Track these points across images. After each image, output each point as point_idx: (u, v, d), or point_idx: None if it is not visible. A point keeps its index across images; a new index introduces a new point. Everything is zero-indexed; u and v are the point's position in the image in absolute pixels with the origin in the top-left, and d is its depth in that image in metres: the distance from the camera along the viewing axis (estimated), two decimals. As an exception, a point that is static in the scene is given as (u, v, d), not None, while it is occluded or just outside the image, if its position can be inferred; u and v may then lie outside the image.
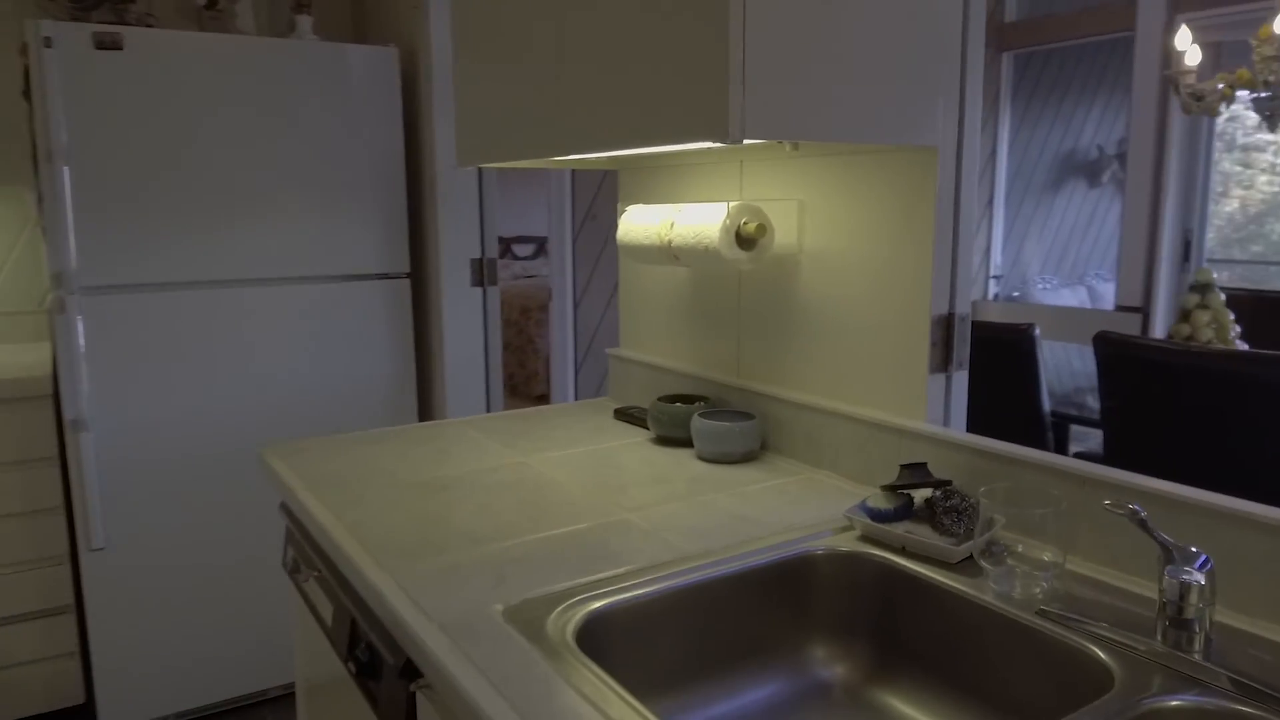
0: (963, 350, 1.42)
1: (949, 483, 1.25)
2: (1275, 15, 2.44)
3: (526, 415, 1.97)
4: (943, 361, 1.40)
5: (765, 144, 1.34)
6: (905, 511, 1.26)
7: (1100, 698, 0.91)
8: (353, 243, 2.72)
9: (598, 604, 1.07)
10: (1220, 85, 2.67)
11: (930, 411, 1.41)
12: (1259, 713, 0.84)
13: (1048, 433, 2.63)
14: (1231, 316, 2.76)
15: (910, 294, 1.40)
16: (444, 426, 1.88)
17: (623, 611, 1.09)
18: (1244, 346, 2.78)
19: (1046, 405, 2.56)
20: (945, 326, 1.40)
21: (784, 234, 1.59)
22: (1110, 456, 2.30)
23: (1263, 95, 2.69)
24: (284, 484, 1.53)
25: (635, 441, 1.75)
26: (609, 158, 1.64)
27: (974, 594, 1.10)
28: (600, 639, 1.05)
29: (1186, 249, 4.23)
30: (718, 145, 1.24)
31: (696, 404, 1.73)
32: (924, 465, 1.30)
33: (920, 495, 1.29)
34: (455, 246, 2.80)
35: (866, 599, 1.22)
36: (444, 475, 1.54)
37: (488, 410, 2.93)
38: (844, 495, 1.43)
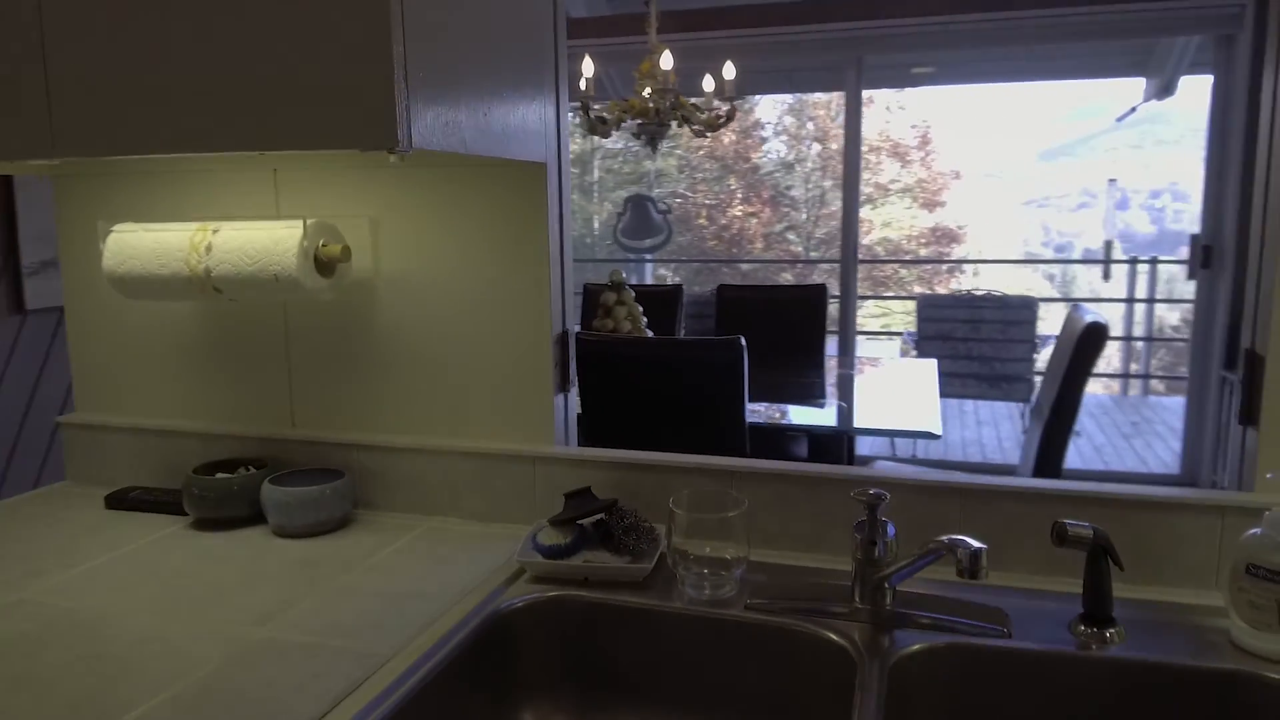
0: (571, 368, 1.40)
1: (616, 502, 1.23)
2: (660, 52, 2.92)
3: (-38, 530, 1.36)
4: (562, 381, 1.37)
5: (308, 153, 1.13)
6: (581, 541, 1.20)
7: (834, 669, 0.99)
8: None
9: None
10: (613, 112, 3.10)
11: (556, 433, 1.36)
12: (971, 638, 1.00)
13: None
14: (640, 309, 3.25)
15: (529, 313, 1.33)
16: None
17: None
18: (650, 333, 3.30)
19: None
20: (562, 345, 1.36)
21: (354, 256, 1.37)
22: (591, 438, 2.48)
23: (641, 122, 3.20)
24: None
25: (170, 533, 1.34)
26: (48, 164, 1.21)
27: (676, 606, 1.11)
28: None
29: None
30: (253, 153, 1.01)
31: (241, 471, 1.39)
32: (588, 490, 1.25)
33: (587, 521, 1.24)
34: None
35: (568, 644, 1.13)
36: (-98, 656, 0.98)
37: None
38: (484, 540, 1.30)
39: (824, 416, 2.85)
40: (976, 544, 0.90)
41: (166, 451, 1.52)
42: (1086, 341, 2.52)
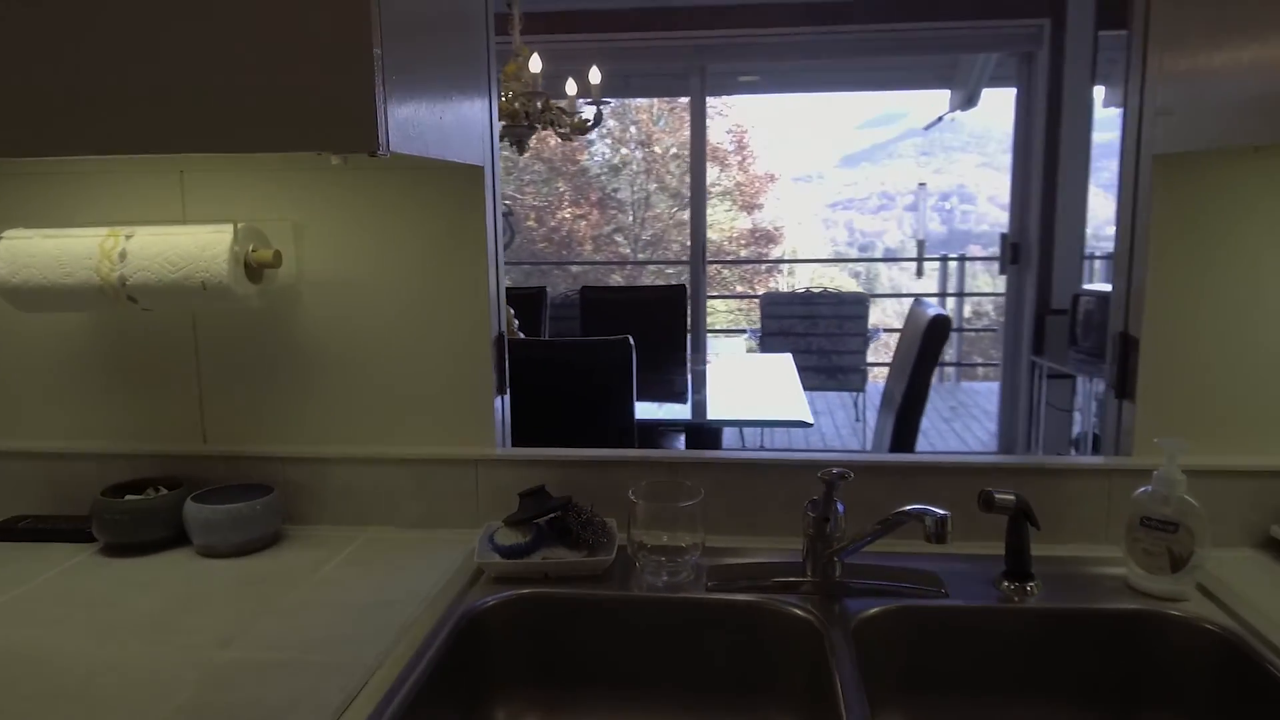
0: (506, 370, 1.42)
1: (571, 499, 1.26)
2: (528, 55, 2.93)
3: None
4: (500, 383, 1.38)
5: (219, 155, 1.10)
6: (539, 539, 1.22)
7: (800, 638, 1.08)
8: None
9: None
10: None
11: (496, 435, 1.37)
12: (914, 600, 1.11)
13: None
14: (511, 311, 3.25)
15: (468, 316, 1.33)
16: None
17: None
18: (522, 335, 3.30)
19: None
20: (499, 347, 1.37)
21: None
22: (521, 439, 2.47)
23: (506, 124, 3.19)
24: None
25: (80, 561, 1.25)
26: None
27: (639, 593, 1.15)
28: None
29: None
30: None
31: (150, 492, 1.31)
32: (543, 489, 1.27)
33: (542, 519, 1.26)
34: None
35: (539, 639, 1.15)
36: None
37: None
38: (431, 546, 1.29)
39: (699, 411, 2.96)
40: (941, 511, 1.00)
41: (57, 477, 1.40)
42: (932, 333, 2.76)
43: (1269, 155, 1.17)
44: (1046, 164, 4.11)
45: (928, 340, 2.76)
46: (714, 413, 2.91)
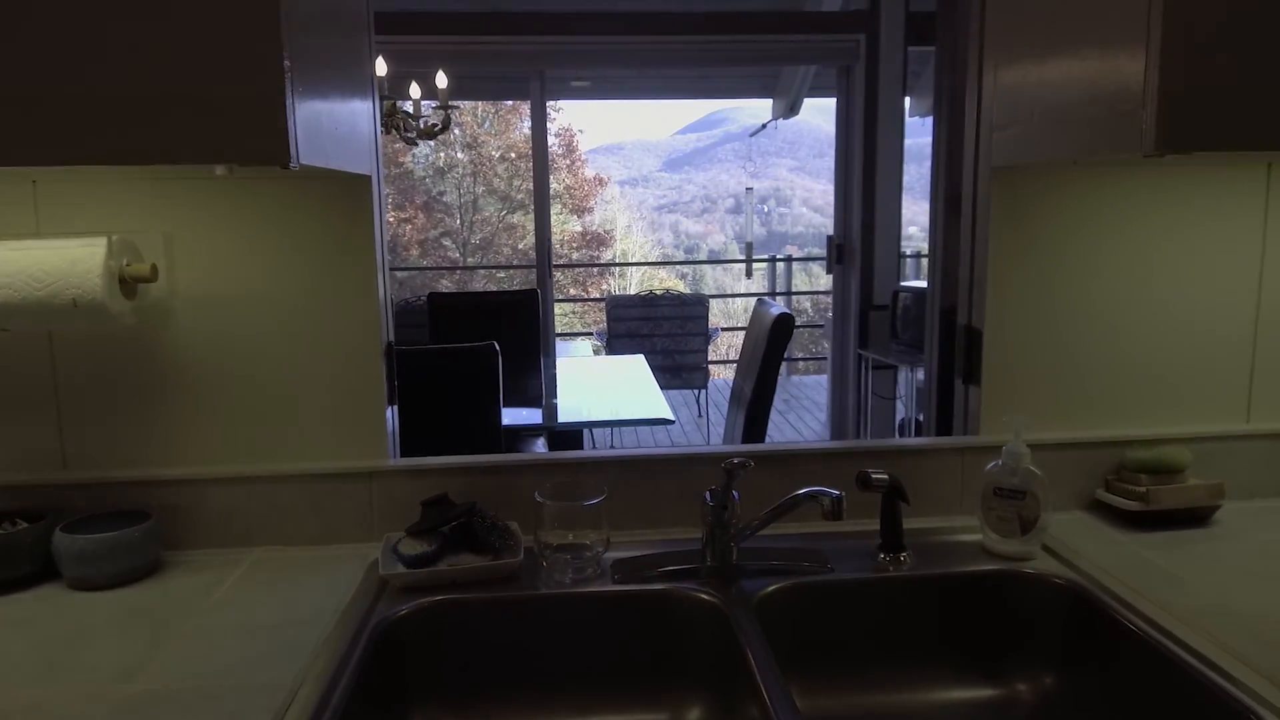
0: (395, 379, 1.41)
1: (475, 505, 1.27)
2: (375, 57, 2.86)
3: None
4: (391, 393, 1.37)
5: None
6: (445, 547, 1.23)
7: (707, 621, 1.15)
8: None
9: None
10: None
11: (390, 446, 1.36)
12: (806, 577, 1.20)
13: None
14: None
15: (358, 326, 1.31)
16: None
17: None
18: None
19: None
20: (389, 356, 1.36)
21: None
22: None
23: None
24: None
25: (-72, 607, 1.14)
26: None
27: (549, 591, 1.19)
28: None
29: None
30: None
31: (8, 525, 1.22)
32: (445, 496, 1.28)
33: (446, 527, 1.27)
34: None
35: (453, 645, 1.16)
36: None
37: None
38: (327, 563, 1.27)
39: (562, 414, 3.00)
40: (836, 491, 1.09)
41: (-112, 515, 1.27)
42: (778, 330, 2.93)
43: (1087, 165, 1.34)
44: (865, 170, 4.42)
45: (774, 337, 2.92)
46: (576, 415, 2.95)
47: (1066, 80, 1.12)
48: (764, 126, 7.56)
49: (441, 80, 3.00)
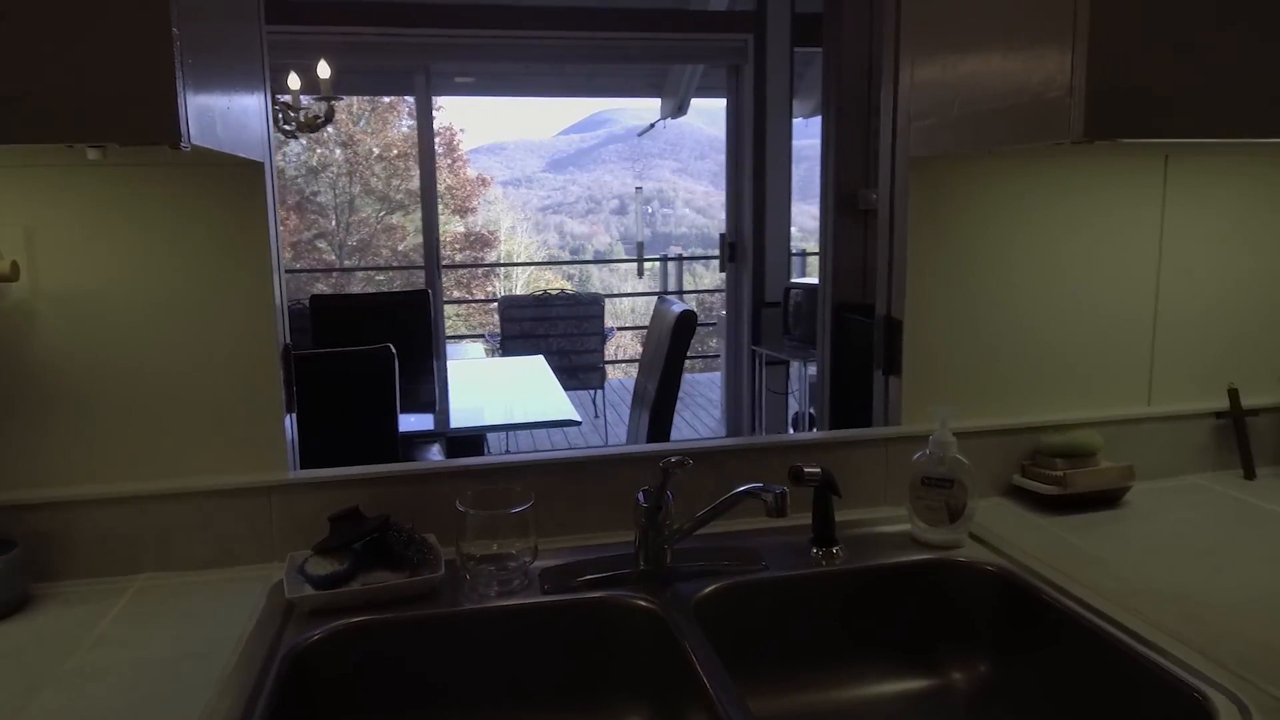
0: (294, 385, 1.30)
1: (388, 518, 1.18)
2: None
3: None
4: (289, 399, 1.26)
5: None
6: (358, 565, 1.13)
7: (645, 627, 1.10)
8: None
9: None
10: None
11: (289, 457, 1.25)
12: (741, 577, 1.17)
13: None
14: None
15: (252, 328, 1.20)
16: None
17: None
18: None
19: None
20: (287, 360, 1.25)
21: (2, 273, 1.11)
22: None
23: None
24: None
25: None
26: None
27: (475, 606, 1.12)
28: None
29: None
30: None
31: None
32: (357, 510, 1.18)
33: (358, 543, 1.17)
34: None
35: (372, 669, 1.07)
36: None
37: None
38: (222, 587, 1.16)
39: (460, 417, 2.89)
40: (779, 487, 1.06)
41: None
42: (681, 327, 2.91)
43: (999, 157, 1.36)
44: (756, 169, 4.47)
45: (677, 335, 2.90)
46: (476, 419, 2.85)
47: (989, 73, 1.12)
48: (652, 125, 7.59)
49: (324, 70, 2.85)
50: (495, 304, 5.65)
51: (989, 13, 1.12)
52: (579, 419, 2.66)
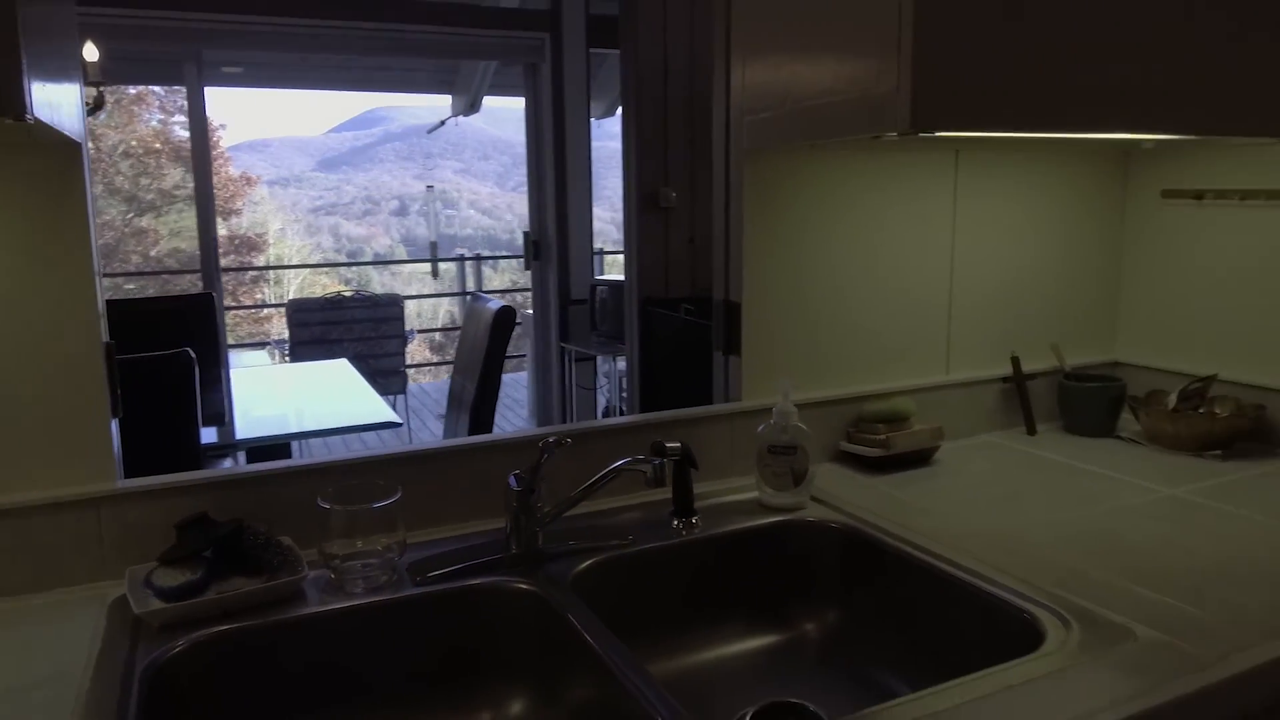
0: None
1: (241, 521, 1.11)
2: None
3: None
4: (115, 403, 1.15)
5: None
6: (212, 573, 1.06)
7: (527, 608, 1.11)
8: None
9: None
10: None
11: (118, 465, 1.15)
12: (612, 552, 1.20)
13: None
14: None
15: (71, 325, 1.09)
16: None
17: None
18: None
19: None
20: (110, 359, 1.15)
21: None
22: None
23: None
24: None
25: None
26: None
27: (343, 605, 1.08)
28: None
29: None
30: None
31: None
32: (205, 515, 1.09)
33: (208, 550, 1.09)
34: None
35: (239, 682, 1.01)
36: None
37: None
38: (56, 611, 1.04)
39: (262, 426, 2.72)
40: (656, 459, 1.10)
41: None
42: (500, 325, 2.90)
43: (823, 149, 1.48)
44: (557, 168, 4.52)
45: (495, 333, 2.88)
46: (282, 427, 2.70)
47: (821, 69, 1.22)
48: (443, 123, 7.43)
49: (91, 52, 2.58)
50: (282, 308, 5.32)
51: (819, 13, 1.22)
52: (399, 420, 2.58)
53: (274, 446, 2.78)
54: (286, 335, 5.04)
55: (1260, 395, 1.57)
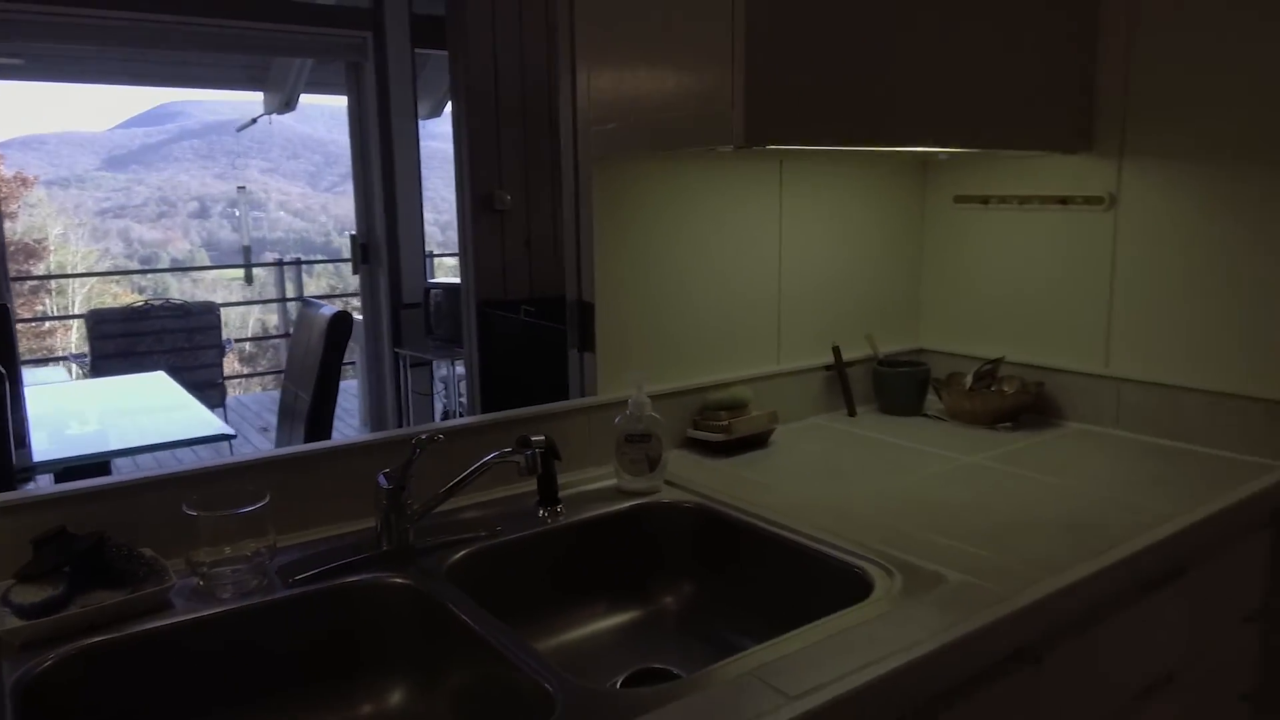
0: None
1: (102, 534, 1.08)
2: None
3: None
4: (-51, 419, 1.09)
5: None
6: (75, 587, 1.03)
7: (406, 602, 1.15)
8: None
9: None
10: None
11: (-46, 485, 1.08)
12: (483, 543, 1.26)
13: None
14: None
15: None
16: None
17: None
18: None
19: None
20: (-56, 374, 1.08)
21: None
22: None
23: None
24: None
25: None
26: None
27: (214, 612, 1.08)
28: None
29: None
30: None
31: None
32: (64, 529, 1.06)
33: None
34: None
35: (108, 702, 0.99)
36: None
37: None
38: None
39: (83, 444, 2.55)
40: (528, 449, 1.16)
41: None
42: (336, 330, 2.85)
43: (667, 158, 1.59)
44: (384, 170, 4.44)
45: (331, 339, 2.83)
46: (104, 443, 2.54)
47: (663, 83, 1.33)
48: (254, 121, 7.07)
49: None
50: (74, 320, 4.92)
51: (660, 30, 1.33)
52: (233, 432, 2.48)
53: (90, 466, 2.61)
54: (86, 349, 4.66)
55: (1040, 374, 1.83)
